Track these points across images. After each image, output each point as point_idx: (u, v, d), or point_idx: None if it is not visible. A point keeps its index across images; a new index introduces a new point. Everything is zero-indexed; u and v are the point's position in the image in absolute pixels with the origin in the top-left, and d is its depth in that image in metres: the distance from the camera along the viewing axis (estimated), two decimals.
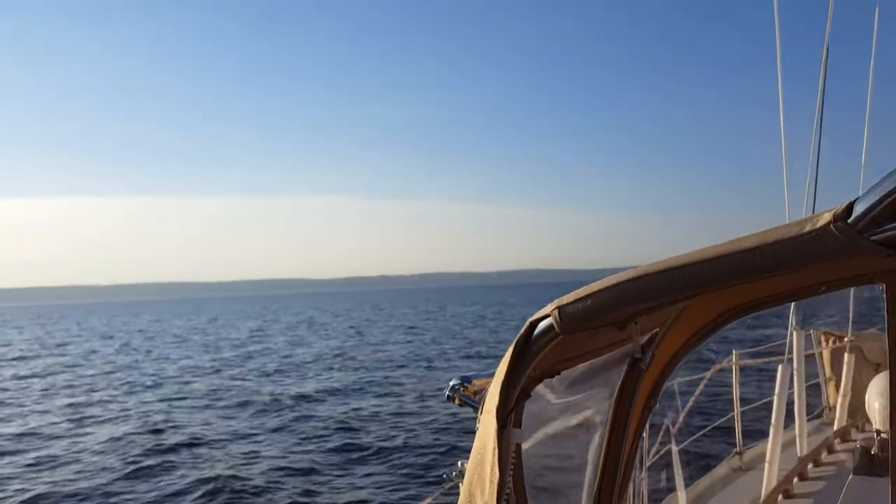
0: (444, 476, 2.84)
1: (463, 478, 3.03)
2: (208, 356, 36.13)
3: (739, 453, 5.56)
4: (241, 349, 39.93)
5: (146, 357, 37.46)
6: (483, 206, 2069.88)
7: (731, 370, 5.65)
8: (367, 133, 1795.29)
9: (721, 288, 0.91)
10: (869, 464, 4.02)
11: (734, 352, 5.73)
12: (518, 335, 1.04)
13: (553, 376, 1.14)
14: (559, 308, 0.99)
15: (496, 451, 1.01)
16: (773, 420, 4.37)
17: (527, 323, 1.04)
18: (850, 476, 4.05)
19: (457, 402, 1.30)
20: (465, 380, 1.31)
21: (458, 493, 3.03)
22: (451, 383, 1.32)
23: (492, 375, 1.22)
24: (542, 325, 1.02)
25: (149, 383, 25.71)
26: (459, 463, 3.00)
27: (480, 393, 1.26)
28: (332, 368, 28.41)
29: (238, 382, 25.02)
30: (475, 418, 1.23)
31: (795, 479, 4.49)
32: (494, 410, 1.02)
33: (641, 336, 1.30)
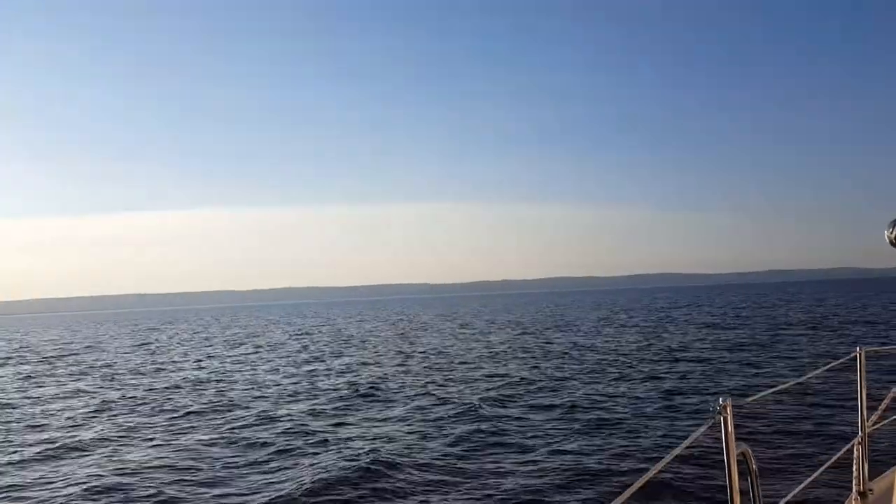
0: (710, 409, 2.70)
1: (725, 412, 2.78)
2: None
3: None
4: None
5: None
6: (607, 210, 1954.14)
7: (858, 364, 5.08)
8: (481, 139, 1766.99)
9: None
10: None
11: (860, 347, 5.17)
12: None
13: None
14: None
15: None
16: None
17: None
18: None
19: None
20: None
21: (720, 430, 2.73)
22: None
23: None
24: None
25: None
26: (720, 399, 2.84)
27: None
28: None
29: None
30: None
31: None
32: None
33: None
